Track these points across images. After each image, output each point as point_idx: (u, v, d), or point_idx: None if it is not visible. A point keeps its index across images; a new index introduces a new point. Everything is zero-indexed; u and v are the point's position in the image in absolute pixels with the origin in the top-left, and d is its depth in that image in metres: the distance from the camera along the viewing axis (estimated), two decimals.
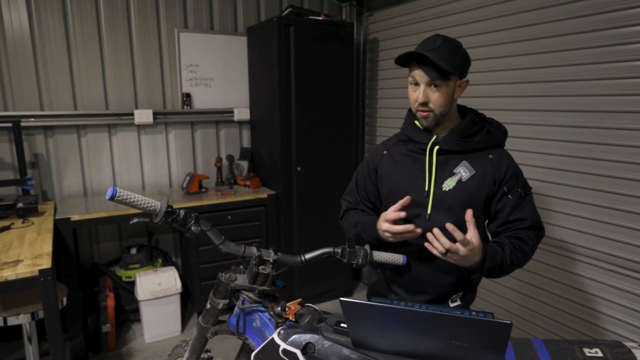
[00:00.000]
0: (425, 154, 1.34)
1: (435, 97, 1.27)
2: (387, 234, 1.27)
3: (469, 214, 1.17)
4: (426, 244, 1.19)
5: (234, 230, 2.95)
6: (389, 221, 1.26)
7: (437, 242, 1.15)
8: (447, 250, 1.14)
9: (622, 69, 1.85)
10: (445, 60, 1.21)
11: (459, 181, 1.31)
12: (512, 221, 1.32)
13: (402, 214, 1.24)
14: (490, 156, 1.33)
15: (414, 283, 1.40)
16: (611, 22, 1.87)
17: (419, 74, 1.26)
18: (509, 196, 1.30)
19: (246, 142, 3.50)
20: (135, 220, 1.11)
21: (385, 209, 1.42)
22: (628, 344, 0.97)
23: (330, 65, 3.02)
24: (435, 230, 1.16)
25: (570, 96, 2.06)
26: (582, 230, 2.07)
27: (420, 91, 1.27)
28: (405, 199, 1.25)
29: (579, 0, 1.99)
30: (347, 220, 1.50)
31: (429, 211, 1.33)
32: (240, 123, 3.45)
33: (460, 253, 1.14)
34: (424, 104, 1.27)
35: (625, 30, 1.83)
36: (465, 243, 1.13)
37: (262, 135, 3.27)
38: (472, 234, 1.15)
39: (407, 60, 1.29)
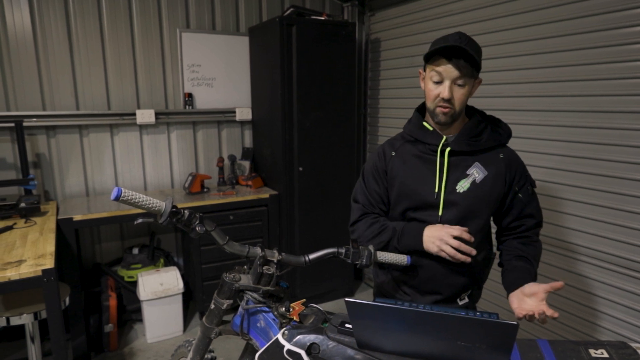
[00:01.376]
0: (437, 156, 1.34)
1: (459, 94, 1.26)
2: (448, 248, 1.26)
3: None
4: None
5: (236, 230, 2.94)
6: (453, 235, 1.26)
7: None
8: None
9: (626, 69, 1.85)
10: (477, 56, 1.23)
11: (473, 182, 1.32)
12: (522, 217, 1.38)
13: (468, 237, 1.27)
14: (501, 155, 1.35)
15: (427, 284, 1.40)
16: (614, 22, 1.87)
17: (446, 69, 1.24)
18: (520, 195, 1.35)
19: (248, 142, 3.49)
20: (140, 220, 1.11)
21: (395, 210, 1.43)
22: (633, 344, 0.97)
23: (332, 65, 3.02)
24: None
25: (573, 96, 2.06)
26: (585, 231, 2.07)
27: (446, 87, 1.25)
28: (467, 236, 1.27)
29: (582, 0, 1.98)
30: (365, 226, 1.43)
31: (440, 213, 1.33)
32: (242, 123, 3.45)
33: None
34: (448, 100, 1.26)
35: (629, 30, 1.82)
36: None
37: (264, 135, 3.27)
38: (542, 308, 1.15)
39: (428, 54, 1.28)
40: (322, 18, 3.04)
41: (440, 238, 1.27)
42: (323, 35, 2.95)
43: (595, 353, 0.95)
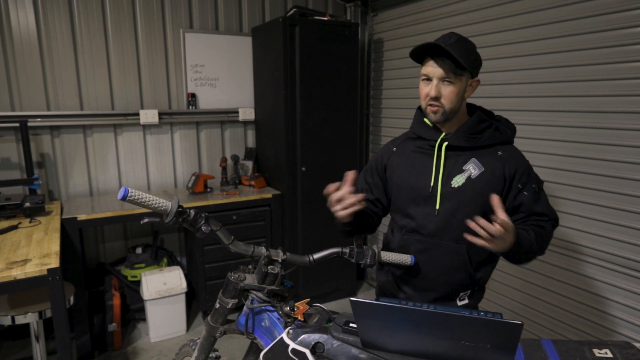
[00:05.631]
0: (434, 150, 1.35)
1: (447, 93, 1.27)
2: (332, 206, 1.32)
3: (495, 199, 1.13)
4: (469, 237, 1.15)
5: (239, 230, 2.95)
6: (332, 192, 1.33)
7: (481, 230, 1.11)
8: (492, 235, 1.10)
9: (629, 69, 1.85)
10: (461, 55, 1.22)
11: (469, 178, 1.32)
12: (534, 214, 1.32)
13: (336, 189, 1.34)
14: (500, 153, 1.33)
15: (423, 281, 1.41)
16: (618, 22, 1.87)
17: (432, 68, 1.27)
18: (525, 193, 1.31)
19: (251, 142, 3.50)
20: (146, 220, 1.12)
21: (395, 205, 1.46)
22: (637, 344, 0.97)
23: (335, 65, 3.03)
24: (481, 221, 1.11)
25: (575, 96, 2.06)
26: (588, 231, 2.07)
27: (432, 86, 1.28)
28: (351, 173, 1.32)
29: (585, 1, 1.98)
30: None
31: (437, 207, 1.34)
32: (245, 123, 3.45)
33: (500, 235, 1.10)
34: (436, 98, 1.28)
35: (632, 31, 1.82)
36: (503, 224, 1.09)
37: (266, 136, 3.28)
38: (505, 216, 1.11)
39: (420, 56, 1.30)
40: (325, 18, 3.05)
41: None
42: (326, 35, 2.96)
43: (599, 353, 0.95)
